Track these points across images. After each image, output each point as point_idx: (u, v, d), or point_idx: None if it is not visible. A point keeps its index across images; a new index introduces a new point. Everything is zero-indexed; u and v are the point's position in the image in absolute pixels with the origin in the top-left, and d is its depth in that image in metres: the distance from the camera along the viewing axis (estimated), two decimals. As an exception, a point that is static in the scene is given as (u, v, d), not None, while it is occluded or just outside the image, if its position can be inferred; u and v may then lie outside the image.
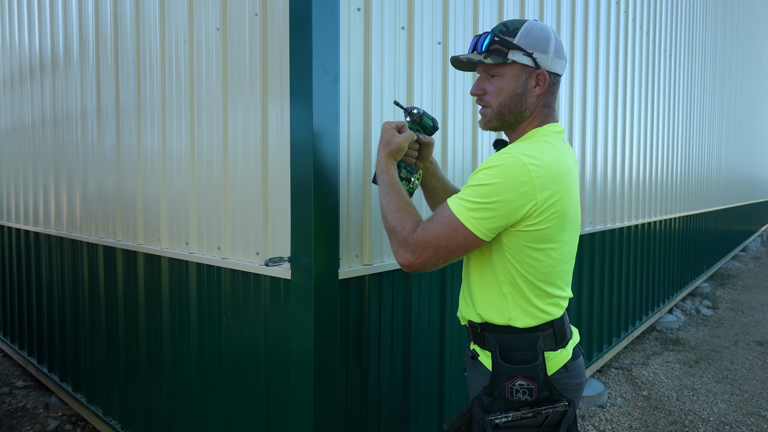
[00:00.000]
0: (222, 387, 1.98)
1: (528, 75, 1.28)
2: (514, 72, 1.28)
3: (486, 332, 1.31)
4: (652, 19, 4.74)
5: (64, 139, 3.10)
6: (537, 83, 1.28)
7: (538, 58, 1.27)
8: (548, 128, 1.30)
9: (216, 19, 1.94)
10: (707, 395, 3.75)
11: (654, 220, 4.94)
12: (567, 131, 3.20)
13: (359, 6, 1.74)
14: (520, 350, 1.26)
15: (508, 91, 1.28)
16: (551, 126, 1.31)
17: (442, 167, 2.10)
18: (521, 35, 1.27)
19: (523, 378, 1.23)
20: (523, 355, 1.25)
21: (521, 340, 1.26)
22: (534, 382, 1.23)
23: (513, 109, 1.29)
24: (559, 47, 1.30)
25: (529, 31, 1.27)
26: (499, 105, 1.30)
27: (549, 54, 1.28)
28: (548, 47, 1.27)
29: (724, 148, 8.55)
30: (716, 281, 8.12)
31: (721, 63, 8.06)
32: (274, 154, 1.74)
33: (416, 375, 2.01)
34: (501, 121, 1.32)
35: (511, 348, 1.27)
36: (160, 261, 2.29)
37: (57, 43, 3.15)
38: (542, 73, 1.27)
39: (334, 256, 1.63)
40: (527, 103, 1.29)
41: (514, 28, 1.28)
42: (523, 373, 1.23)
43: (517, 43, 1.26)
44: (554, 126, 1.32)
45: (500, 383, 1.25)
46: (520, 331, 1.26)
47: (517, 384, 1.23)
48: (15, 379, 3.84)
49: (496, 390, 1.26)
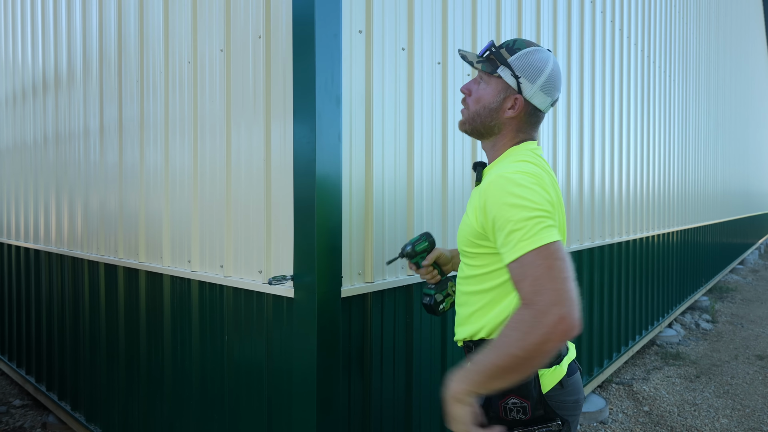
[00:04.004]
0: (224, 406, 1.97)
1: (507, 95, 1.29)
2: (497, 86, 1.29)
3: (480, 349, 1.28)
4: (647, 37, 4.81)
5: (66, 157, 3.12)
6: (512, 106, 1.28)
7: (523, 83, 1.27)
8: (525, 146, 1.31)
9: (219, 41, 1.98)
10: (708, 410, 3.74)
11: (652, 234, 4.96)
12: (564, 148, 3.23)
13: (361, 28, 1.78)
14: None
15: (485, 101, 1.30)
16: (527, 144, 1.32)
17: (442, 187, 2.12)
18: (518, 56, 1.28)
19: (515, 396, 1.20)
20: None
21: None
22: (527, 400, 1.20)
23: (483, 120, 1.31)
24: (551, 85, 1.29)
25: (528, 55, 1.28)
26: (474, 111, 1.32)
27: (535, 85, 1.27)
28: (537, 78, 1.27)
29: (719, 162, 8.62)
30: (715, 295, 8.13)
31: (715, 78, 8.17)
32: (277, 173, 1.76)
33: (418, 393, 2.01)
34: (472, 126, 1.34)
35: None
36: (162, 279, 2.30)
37: (60, 61, 3.18)
38: (519, 99, 1.27)
39: (337, 275, 1.65)
40: (497, 120, 1.30)
41: (517, 48, 1.29)
42: (515, 391, 1.20)
43: (510, 62, 1.27)
44: (530, 144, 1.32)
45: (494, 402, 1.23)
46: None
47: (510, 402, 1.21)
48: (12, 397, 3.81)
49: (490, 409, 1.24)
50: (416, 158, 1.99)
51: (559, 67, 1.32)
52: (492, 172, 1.23)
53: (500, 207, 1.11)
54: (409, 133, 1.96)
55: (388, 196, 1.87)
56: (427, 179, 2.04)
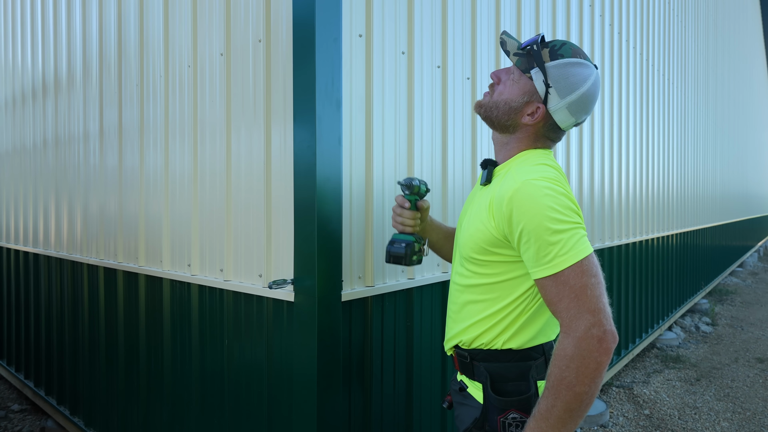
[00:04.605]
0: (224, 410, 1.97)
1: (531, 99, 1.20)
2: (525, 87, 1.21)
3: (475, 361, 1.23)
4: (646, 40, 4.83)
5: (66, 160, 3.12)
6: (532, 113, 1.20)
7: (551, 94, 1.17)
8: (541, 151, 1.24)
9: (220, 45, 1.98)
10: (709, 414, 3.73)
11: (651, 237, 4.96)
12: (564, 151, 3.24)
13: (361, 32, 1.78)
14: (512, 380, 1.19)
15: (508, 97, 1.22)
16: (543, 150, 1.25)
17: (442, 190, 2.12)
18: (558, 64, 1.17)
19: (516, 411, 1.15)
20: (516, 386, 1.18)
21: (513, 370, 1.19)
22: (527, 415, 1.14)
23: (500, 115, 1.24)
24: (580, 106, 1.19)
25: (568, 67, 1.17)
26: (494, 102, 1.24)
27: (563, 100, 1.18)
28: (568, 95, 1.17)
29: (719, 165, 8.63)
30: (715, 297, 8.13)
31: (714, 81, 8.19)
32: (277, 177, 1.76)
33: (419, 397, 2.01)
34: (487, 115, 1.26)
35: (502, 378, 1.19)
36: (161, 283, 2.30)
37: (60, 65, 3.19)
38: (541, 109, 1.19)
39: (337, 278, 1.64)
40: (514, 121, 1.23)
41: (561, 53, 1.18)
42: (516, 406, 1.16)
43: (547, 67, 1.17)
44: (545, 150, 1.26)
45: (492, 416, 1.18)
46: (512, 359, 1.19)
47: (510, 417, 1.15)
48: (11, 402, 3.79)
49: (487, 423, 1.18)
50: (416, 161, 1.99)
51: (598, 88, 1.21)
52: (510, 176, 1.15)
53: (532, 218, 1.05)
54: (409, 136, 1.96)
55: (389, 199, 1.87)
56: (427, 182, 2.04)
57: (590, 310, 1.01)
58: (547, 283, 1.05)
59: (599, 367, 0.99)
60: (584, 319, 1.01)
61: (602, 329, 0.99)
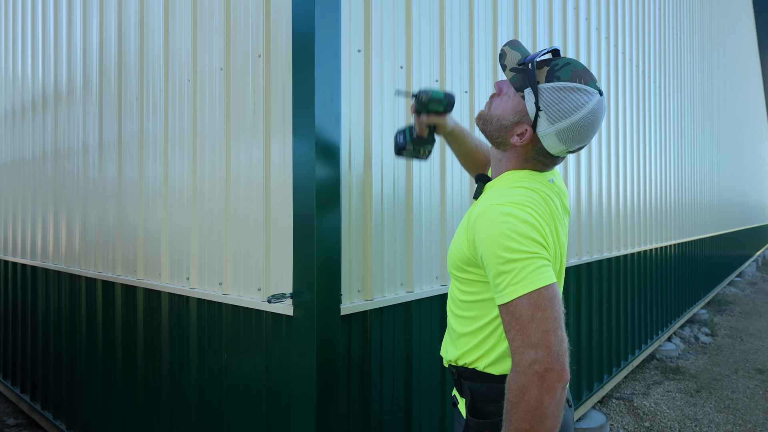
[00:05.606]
0: (222, 424, 1.95)
1: (521, 119, 1.15)
2: (516, 106, 1.15)
3: (462, 379, 1.22)
4: (641, 51, 4.87)
5: (65, 173, 3.12)
6: (520, 134, 1.15)
7: (540, 118, 1.11)
8: (525, 173, 1.18)
9: (219, 60, 1.99)
10: (710, 426, 3.71)
11: (650, 248, 4.97)
12: (561, 164, 3.25)
13: (360, 47, 1.79)
14: (494, 401, 1.14)
15: (500, 114, 1.18)
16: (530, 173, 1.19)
17: (441, 204, 2.13)
18: (553, 86, 1.10)
19: None
20: (498, 408, 1.12)
21: (496, 391, 1.13)
22: None
23: (491, 131, 1.21)
24: (572, 135, 1.11)
25: (564, 91, 1.09)
26: (489, 115, 1.21)
27: (552, 127, 1.11)
28: (558, 121, 1.10)
29: (716, 175, 8.67)
30: (714, 308, 8.12)
31: (710, 91, 8.25)
32: (276, 191, 1.76)
33: (418, 410, 2.00)
34: (483, 128, 1.23)
35: (484, 399, 1.17)
36: (160, 296, 2.29)
37: (60, 77, 3.20)
38: (529, 132, 1.13)
39: (336, 292, 1.64)
40: (503, 140, 1.19)
41: (557, 76, 1.10)
42: (488, 428, 1.12)
43: (540, 88, 1.11)
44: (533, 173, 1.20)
45: None
46: (495, 381, 1.16)
47: None
48: (6, 416, 3.76)
49: None
50: (415, 175, 1.99)
51: (597, 117, 1.11)
52: (486, 197, 1.14)
53: (488, 244, 1.03)
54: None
55: (387, 213, 1.87)
56: (425, 196, 2.05)
57: (533, 345, 0.95)
58: (502, 310, 1.02)
59: (540, 406, 0.93)
60: (526, 353, 0.96)
61: (544, 366, 0.94)
